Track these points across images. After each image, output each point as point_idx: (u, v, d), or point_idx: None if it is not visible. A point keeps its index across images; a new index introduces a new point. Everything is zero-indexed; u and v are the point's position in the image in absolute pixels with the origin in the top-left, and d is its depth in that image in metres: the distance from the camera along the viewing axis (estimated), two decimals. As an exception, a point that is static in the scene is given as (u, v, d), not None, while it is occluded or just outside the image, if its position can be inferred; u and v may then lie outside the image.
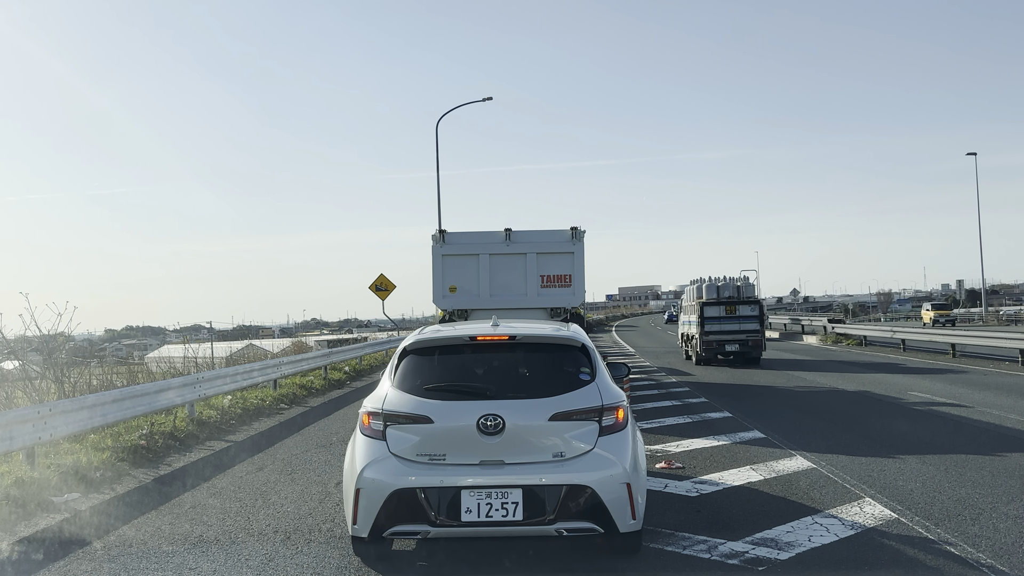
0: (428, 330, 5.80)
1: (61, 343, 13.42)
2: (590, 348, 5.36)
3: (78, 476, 7.99)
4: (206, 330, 69.42)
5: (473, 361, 5.33)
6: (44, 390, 11.92)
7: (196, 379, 12.07)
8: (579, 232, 16.06)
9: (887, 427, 10.68)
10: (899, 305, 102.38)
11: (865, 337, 30.95)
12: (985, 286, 51.82)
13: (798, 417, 11.73)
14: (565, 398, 4.95)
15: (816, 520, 6.11)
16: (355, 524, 4.86)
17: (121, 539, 6.07)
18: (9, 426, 7.60)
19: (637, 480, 4.90)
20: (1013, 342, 20.30)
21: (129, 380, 14.41)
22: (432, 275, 16.23)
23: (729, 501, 6.81)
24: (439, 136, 38.84)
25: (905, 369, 19.64)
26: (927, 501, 6.64)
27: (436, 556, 5.46)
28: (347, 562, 5.32)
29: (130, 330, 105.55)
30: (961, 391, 14.58)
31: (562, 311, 16.01)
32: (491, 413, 4.82)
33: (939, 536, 5.67)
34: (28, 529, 6.43)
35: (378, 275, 26.27)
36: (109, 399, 9.58)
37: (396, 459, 4.85)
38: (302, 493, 7.44)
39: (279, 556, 5.52)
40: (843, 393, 14.76)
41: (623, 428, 4.98)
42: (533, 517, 4.71)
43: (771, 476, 7.68)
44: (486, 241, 16.20)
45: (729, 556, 5.30)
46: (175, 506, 7.09)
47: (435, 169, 31.15)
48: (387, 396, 5.09)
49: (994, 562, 5.08)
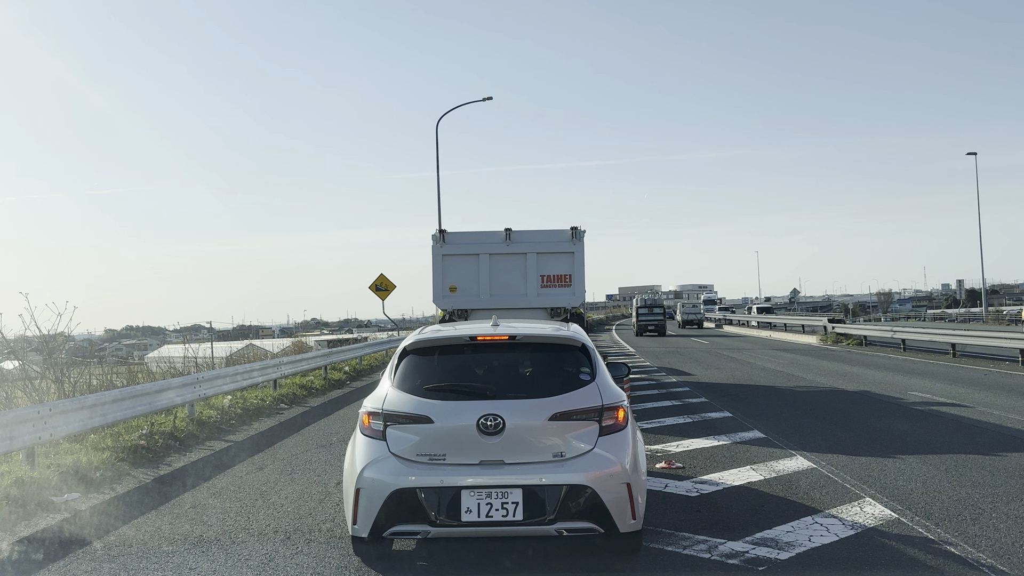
0: (428, 330, 5.80)
1: (61, 343, 13.42)
2: (590, 348, 5.36)
3: (78, 476, 7.99)
4: (206, 330, 69.42)
5: (473, 361, 5.34)
6: (44, 390, 11.92)
7: (196, 379, 12.07)
8: (579, 232, 16.06)
9: (887, 427, 10.67)
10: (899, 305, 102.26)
11: (865, 337, 30.94)
12: (985, 286, 51.77)
13: (798, 417, 11.73)
14: (565, 398, 4.95)
15: (816, 520, 6.11)
16: (355, 524, 4.86)
17: (121, 539, 6.07)
18: (9, 426, 7.60)
19: (637, 480, 4.90)
20: (1013, 342, 20.30)
21: (129, 380, 14.40)
22: (432, 275, 16.24)
23: (729, 501, 6.80)
24: (439, 136, 38.88)
25: (905, 369, 19.63)
26: (927, 501, 6.64)
27: (436, 556, 5.46)
28: (347, 562, 5.32)
29: (130, 330, 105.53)
30: (961, 391, 14.57)
31: (562, 311, 16.01)
32: (491, 413, 4.82)
33: (939, 536, 5.67)
34: (28, 529, 6.43)
35: (378, 275, 26.29)
36: (109, 399, 9.58)
37: (396, 459, 4.85)
38: (302, 493, 7.44)
39: (279, 556, 5.52)
40: (843, 393, 14.76)
41: (623, 428, 4.98)
42: (533, 517, 4.71)
43: (771, 476, 7.68)
44: (486, 241, 16.20)
45: (729, 556, 5.30)
46: (175, 506, 7.09)
47: (435, 169, 31.20)
48: (387, 396, 5.09)
49: (994, 562, 5.08)
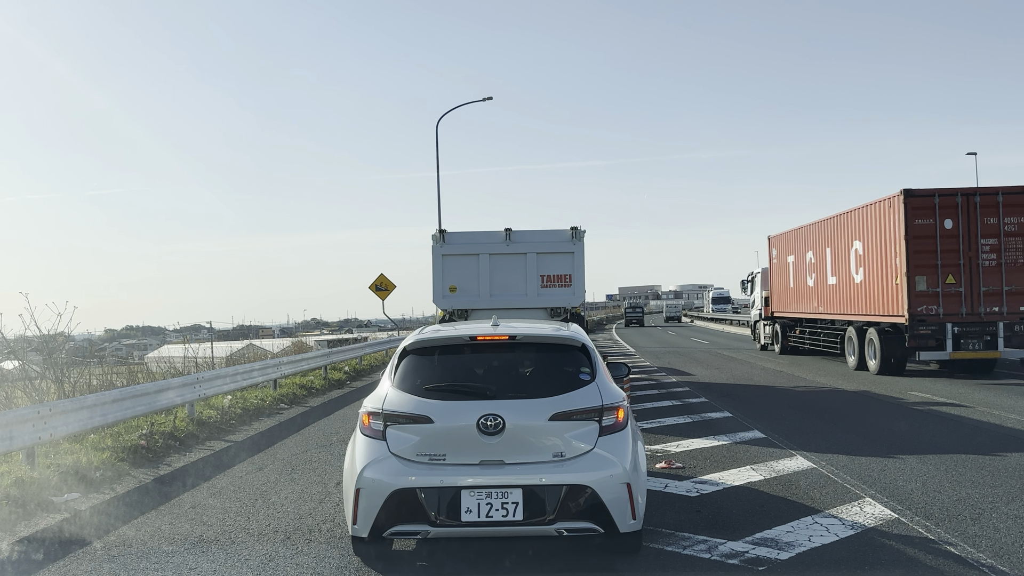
0: (428, 330, 5.80)
1: (61, 343, 13.41)
2: (590, 348, 5.36)
3: (78, 476, 7.99)
4: (206, 330, 69.38)
5: (473, 361, 5.34)
6: (44, 390, 11.91)
7: (196, 379, 12.06)
8: (579, 232, 16.06)
9: (887, 427, 10.67)
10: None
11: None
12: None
13: (798, 417, 11.73)
14: (565, 398, 4.95)
15: (816, 520, 6.10)
16: (355, 524, 4.86)
17: (121, 539, 6.07)
18: (9, 426, 7.59)
19: (637, 480, 4.90)
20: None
21: (129, 380, 14.40)
22: (432, 275, 16.24)
23: (729, 501, 6.80)
24: (439, 136, 38.86)
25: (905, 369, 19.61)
26: (927, 501, 6.64)
27: (436, 556, 5.46)
28: (347, 562, 5.32)
29: (130, 330, 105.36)
30: (961, 391, 14.57)
31: (562, 311, 16.02)
32: (491, 413, 4.82)
33: (939, 536, 5.67)
34: (28, 529, 6.43)
35: (378, 275, 26.29)
36: (109, 399, 9.58)
37: (396, 459, 4.85)
38: (302, 493, 7.44)
39: (279, 556, 5.52)
40: (843, 393, 14.76)
41: (623, 428, 4.98)
42: (533, 517, 4.71)
43: (771, 476, 7.67)
44: (486, 241, 16.21)
45: (729, 556, 5.30)
46: (175, 506, 7.09)
47: (435, 169, 31.17)
48: (387, 396, 5.09)
49: (994, 562, 5.08)
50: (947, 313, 16.39)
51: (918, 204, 16.51)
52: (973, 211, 16.50)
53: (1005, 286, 16.41)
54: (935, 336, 16.40)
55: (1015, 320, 16.36)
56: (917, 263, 16.43)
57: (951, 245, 16.43)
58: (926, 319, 16.43)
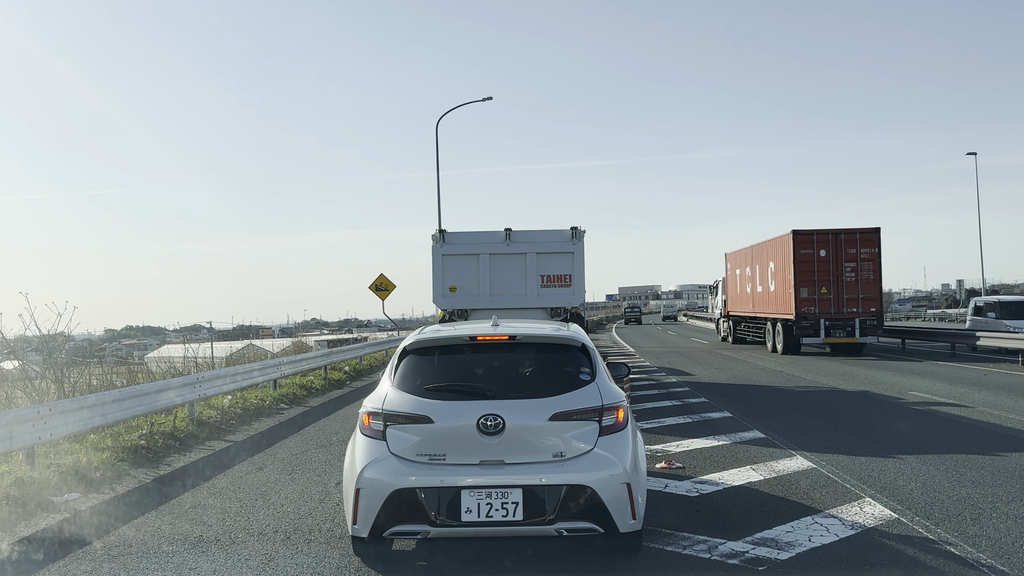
0: (428, 330, 5.80)
1: (61, 343, 13.41)
2: (590, 348, 5.36)
3: (78, 476, 7.99)
4: (206, 330, 69.43)
5: (473, 361, 5.34)
6: (44, 390, 11.91)
7: (196, 379, 12.06)
8: (579, 232, 16.06)
9: (887, 427, 10.67)
10: (899, 305, 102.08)
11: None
12: (985, 286, 51.71)
13: (798, 417, 11.73)
14: (565, 398, 4.95)
15: (816, 520, 6.11)
16: (355, 524, 4.86)
17: (121, 539, 6.07)
18: (9, 426, 7.60)
19: (637, 480, 4.90)
20: (1013, 342, 20.32)
21: (129, 380, 14.40)
22: (432, 275, 16.24)
23: (729, 501, 6.81)
24: (439, 136, 38.86)
25: (905, 369, 19.63)
26: (927, 501, 6.64)
27: (436, 556, 5.46)
28: (347, 562, 5.32)
29: (130, 330, 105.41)
30: (961, 391, 14.57)
31: (562, 311, 16.01)
32: (491, 413, 4.82)
33: (939, 536, 5.67)
34: (28, 529, 6.43)
35: (378, 275, 26.30)
36: (109, 399, 9.57)
37: (396, 459, 4.85)
38: (302, 493, 7.44)
39: (279, 556, 5.52)
40: (843, 393, 14.76)
41: (623, 428, 4.98)
42: (533, 517, 4.71)
43: (771, 476, 7.68)
44: (486, 241, 16.21)
45: (729, 556, 5.30)
46: (175, 506, 7.09)
47: (435, 169, 31.18)
48: (387, 396, 5.09)
49: (994, 562, 5.08)
50: (821, 312, 24.04)
51: (802, 239, 24.24)
52: (840, 244, 24.09)
53: (860, 294, 23.88)
54: (813, 328, 24.07)
55: (866, 317, 23.85)
56: (801, 279, 24.18)
57: (824, 267, 24.14)
58: (807, 316, 24.12)
